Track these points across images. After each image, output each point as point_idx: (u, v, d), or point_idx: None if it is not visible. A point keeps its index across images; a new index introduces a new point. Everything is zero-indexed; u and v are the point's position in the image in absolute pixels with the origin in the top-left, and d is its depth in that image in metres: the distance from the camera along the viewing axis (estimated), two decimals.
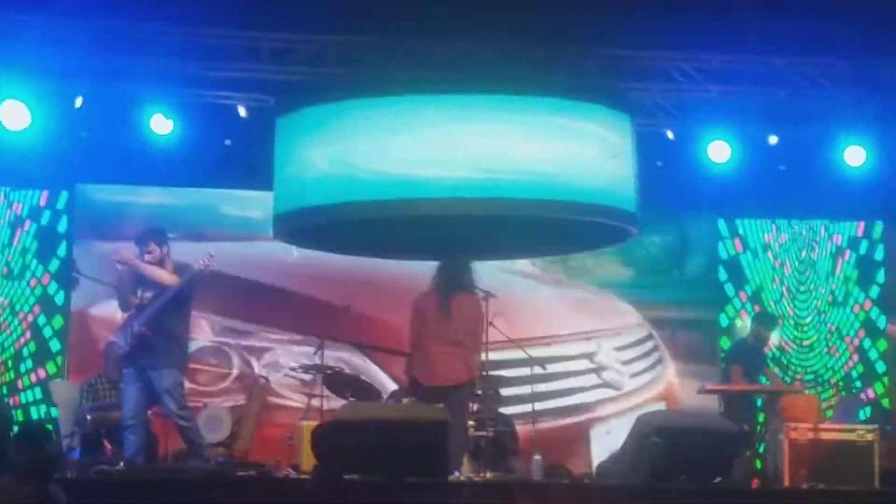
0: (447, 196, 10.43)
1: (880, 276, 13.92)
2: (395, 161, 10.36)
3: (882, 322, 13.70)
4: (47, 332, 12.61)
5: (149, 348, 9.41)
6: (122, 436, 9.45)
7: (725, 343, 13.37)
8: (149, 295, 9.49)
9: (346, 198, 10.50)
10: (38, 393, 12.44)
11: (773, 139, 12.35)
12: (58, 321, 12.62)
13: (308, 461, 9.08)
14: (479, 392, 10.51)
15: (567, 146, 10.61)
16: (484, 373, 10.48)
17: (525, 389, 11.60)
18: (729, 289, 13.81)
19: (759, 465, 11.07)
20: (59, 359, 12.55)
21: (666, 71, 11.75)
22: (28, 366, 12.54)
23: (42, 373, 12.52)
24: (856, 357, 13.83)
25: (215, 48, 11.28)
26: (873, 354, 13.82)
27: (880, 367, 13.76)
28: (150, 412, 9.72)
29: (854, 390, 13.63)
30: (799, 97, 12.03)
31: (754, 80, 11.87)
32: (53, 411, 11.69)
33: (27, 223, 12.67)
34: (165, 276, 9.49)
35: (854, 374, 13.81)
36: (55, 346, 12.59)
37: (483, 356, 10.14)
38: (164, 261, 9.59)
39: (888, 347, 13.44)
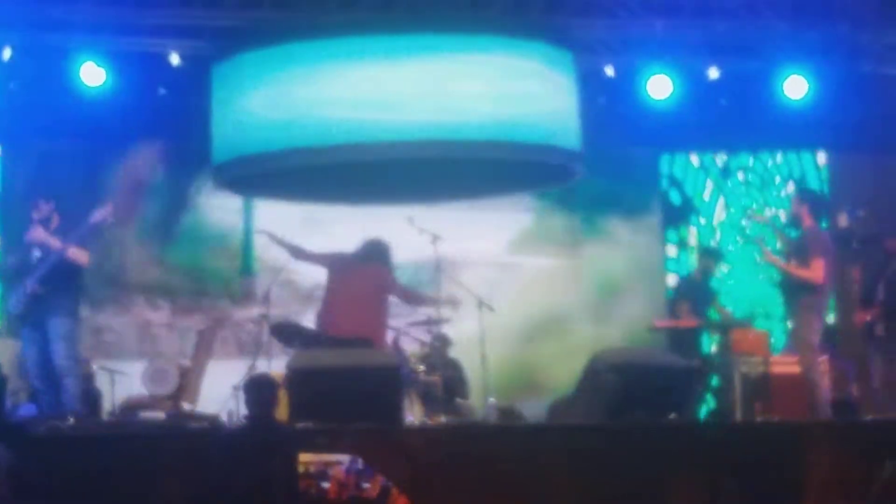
0: (390, 140, 10.30)
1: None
2: (335, 105, 10.22)
3: None
4: None
5: (43, 303, 9.36)
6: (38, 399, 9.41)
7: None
8: (38, 254, 9.44)
9: (286, 144, 10.37)
10: None
11: (713, 73, 12.27)
12: None
13: None
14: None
15: (509, 85, 10.50)
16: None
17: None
18: (672, 224, 13.71)
19: (711, 400, 11.08)
20: None
21: (608, 7, 11.59)
22: None
23: None
24: None
25: None
26: None
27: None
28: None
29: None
30: (739, 29, 11.94)
31: (695, 13, 11.75)
32: None
33: None
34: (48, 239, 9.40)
35: None
36: None
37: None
38: (51, 217, 9.49)
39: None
